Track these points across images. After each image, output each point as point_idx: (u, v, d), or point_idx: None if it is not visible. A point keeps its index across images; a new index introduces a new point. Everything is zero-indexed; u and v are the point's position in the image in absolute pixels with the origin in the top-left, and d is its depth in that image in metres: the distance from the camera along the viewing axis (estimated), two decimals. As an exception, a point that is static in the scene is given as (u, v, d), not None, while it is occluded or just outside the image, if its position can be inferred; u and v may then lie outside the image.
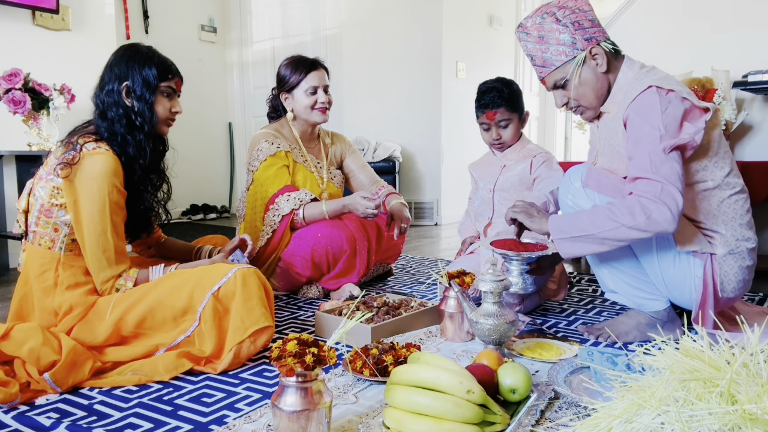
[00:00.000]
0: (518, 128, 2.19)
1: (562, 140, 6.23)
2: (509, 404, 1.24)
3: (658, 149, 1.44)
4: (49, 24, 3.33)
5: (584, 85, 1.63)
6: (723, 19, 3.07)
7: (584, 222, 1.51)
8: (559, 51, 1.60)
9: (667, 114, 1.47)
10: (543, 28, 1.61)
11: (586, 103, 1.66)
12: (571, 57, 1.60)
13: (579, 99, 1.65)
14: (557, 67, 1.62)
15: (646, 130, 1.47)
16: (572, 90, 1.63)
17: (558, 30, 1.59)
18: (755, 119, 3.03)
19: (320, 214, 2.25)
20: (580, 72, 1.61)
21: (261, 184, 2.27)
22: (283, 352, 1.05)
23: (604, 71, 1.62)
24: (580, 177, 1.68)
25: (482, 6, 5.06)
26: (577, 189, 1.67)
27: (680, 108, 1.47)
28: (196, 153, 5.30)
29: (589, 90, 1.63)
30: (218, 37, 5.59)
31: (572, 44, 1.59)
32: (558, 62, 1.61)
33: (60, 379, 1.38)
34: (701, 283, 1.57)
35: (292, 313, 2.12)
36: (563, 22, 1.59)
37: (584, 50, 1.60)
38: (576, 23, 1.59)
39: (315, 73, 2.31)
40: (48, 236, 1.56)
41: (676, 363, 0.82)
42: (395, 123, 4.81)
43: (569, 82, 1.63)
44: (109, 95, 1.59)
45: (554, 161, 2.18)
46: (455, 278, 1.71)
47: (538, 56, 1.64)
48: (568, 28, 1.59)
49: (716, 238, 1.58)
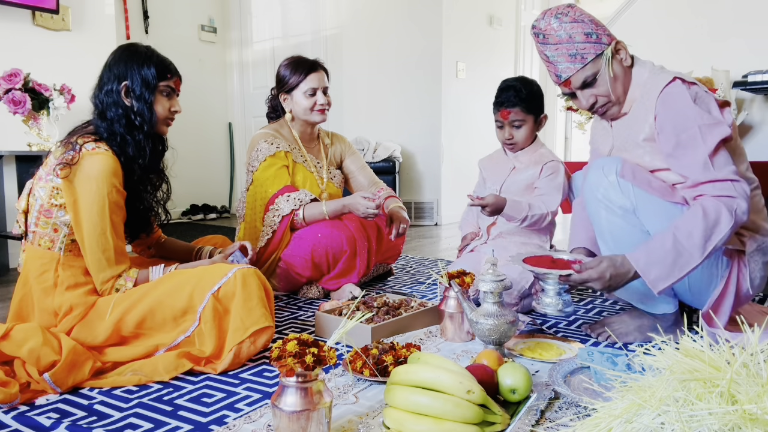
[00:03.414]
0: (532, 130, 2.15)
1: (562, 140, 6.23)
2: (509, 404, 1.24)
3: (709, 146, 1.44)
4: (49, 24, 3.33)
5: (616, 79, 1.60)
6: (723, 19, 3.07)
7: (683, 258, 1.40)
8: (587, 47, 1.55)
9: (701, 104, 1.47)
10: (563, 27, 1.56)
11: (616, 97, 1.62)
12: (600, 51, 1.56)
13: (610, 94, 1.61)
14: (587, 62, 1.57)
15: (690, 129, 1.46)
16: (605, 85, 1.59)
17: (580, 26, 1.55)
18: (755, 119, 3.03)
19: (320, 214, 2.24)
20: (612, 65, 1.58)
21: (261, 185, 2.27)
22: (283, 352, 1.05)
23: (629, 65, 1.60)
24: (615, 169, 1.57)
25: (482, 6, 5.06)
26: (612, 182, 1.57)
27: (709, 98, 1.48)
28: (196, 153, 5.30)
29: (619, 84, 1.61)
30: (218, 37, 5.59)
31: (597, 39, 1.56)
32: (588, 57, 1.56)
33: (60, 380, 1.38)
34: (724, 281, 1.55)
35: (292, 313, 2.12)
36: (581, 19, 1.56)
37: (610, 44, 1.57)
38: (592, 21, 1.57)
39: (314, 75, 2.30)
40: (48, 236, 1.56)
41: (676, 363, 0.82)
42: (395, 123, 4.81)
43: (599, 78, 1.58)
44: (108, 95, 1.59)
45: (562, 172, 2.13)
46: (455, 278, 1.71)
47: (563, 56, 1.57)
48: (588, 24, 1.56)
49: (746, 235, 1.57)
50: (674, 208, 1.53)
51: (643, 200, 1.54)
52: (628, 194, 1.54)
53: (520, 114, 2.09)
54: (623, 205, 1.56)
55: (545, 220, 2.07)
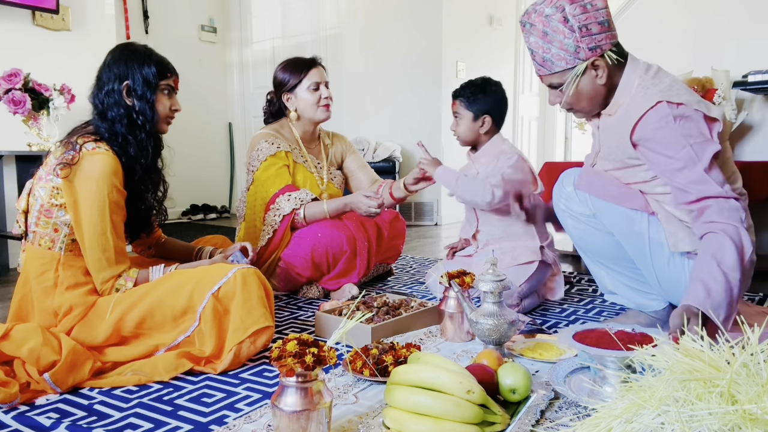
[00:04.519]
0: (472, 129, 2.12)
1: (562, 140, 6.23)
2: (509, 404, 1.24)
3: (704, 163, 1.43)
4: (49, 24, 3.33)
5: (580, 94, 1.58)
6: (723, 19, 3.07)
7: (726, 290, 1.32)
8: (560, 56, 1.52)
9: (688, 123, 1.44)
10: (549, 25, 1.51)
11: (579, 108, 1.63)
12: (572, 66, 1.53)
13: (572, 105, 1.62)
14: (555, 72, 1.56)
15: (683, 149, 1.44)
16: (566, 96, 1.59)
17: (563, 33, 1.50)
18: (755, 119, 3.03)
19: (321, 213, 2.24)
20: (578, 82, 1.55)
21: (261, 184, 2.27)
22: (283, 352, 1.05)
23: (603, 84, 1.56)
24: (572, 180, 1.66)
25: (482, 6, 5.06)
26: (570, 193, 1.65)
27: (698, 116, 1.45)
28: (196, 153, 5.30)
29: (583, 98, 1.59)
30: (218, 37, 5.59)
31: (575, 52, 1.51)
32: (557, 68, 1.54)
33: (60, 380, 1.38)
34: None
35: (292, 313, 2.12)
36: (570, 23, 1.49)
37: (586, 60, 1.52)
38: (584, 27, 1.49)
39: (315, 70, 2.32)
40: (48, 236, 1.56)
41: (676, 363, 0.82)
42: (395, 123, 4.81)
43: (564, 88, 1.58)
44: (109, 95, 1.59)
45: (518, 167, 2.07)
46: (455, 278, 1.71)
47: (538, 54, 1.57)
48: (574, 33, 1.49)
49: None
50: (632, 214, 1.59)
51: (601, 208, 1.62)
52: (586, 203, 1.63)
53: (459, 108, 2.13)
54: (584, 212, 1.65)
55: (486, 188, 2.00)
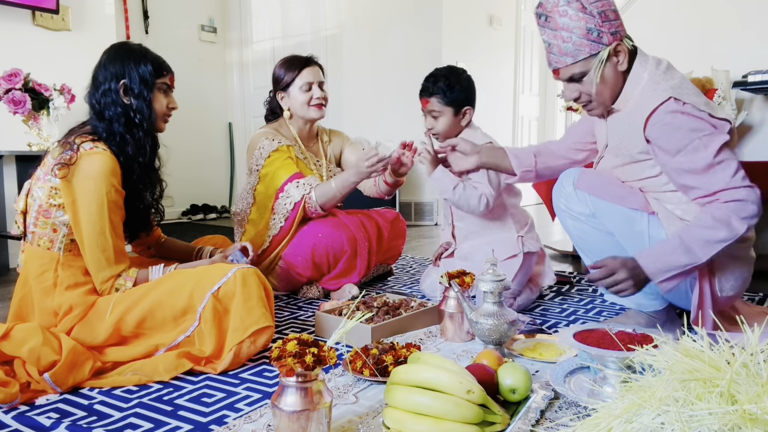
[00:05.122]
0: (454, 122, 2.07)
1: (562, 140, 6.22)
2: (509, 404, 1.24)
3: (712, 154, 1.43)
4: (49, 24, 3.33)
5: (604, 83, 1.53)
6: (723, 19, 3.07)
7: (683, 256, 1.45)
8: (584, 43, 1.48)
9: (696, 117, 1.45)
10: (568, 14, 1.47)
11: (601, 100, 1.57)
12: (596, 52, 1.48)
13: (595, 96, 1.56)
14: (578, 60, 1.50)
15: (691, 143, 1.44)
16: (590, 86, 1.54)
17: (584, 19, 1.46)
18: (755, 119, 3.03)
19: (331, 191, 2.20)
20: (603, 69, 1.51)
21: (270, 179, 2.26)
22: (283, 352, 1.05)
23: (624, 70, 1.54)
24: (572, 180, 1.64)
25: (482, 6, 5.05)
26: (569, 193, 1.63)
27: (703, 113, 1.45)
28: (196, 153, 5.30)
29: (607, 88, 1.55)
30: (218, 37, 5.59)
31: (598, 37, 1.47)
32: (581, 55, 1.49)
33: (60, 379, 1.38)
34: (697, 284, 1.56)
35: (292, 313, 2.12)
36: (589, 10, 1.46)
37: (609, 45, 1.49)
38: (603, 14, 1.47)
39: (309, 70, 2.31)
40: (47, 237, 1.56)
41: (676, 363, 0.82)
42: (395, 123, 4.80)
43: (587, 78, 1.54)
44: (106, 95, 1.58)
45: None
46: (455, 278, 1.71)
47: (556, 45, 1.51)
48: (595, 18, 1.46)
49: None
50: (632, 213, 1.58)
51: (601, 207, 1.61)
52: (586, 202, 1.62)
53: (437, 105, 2.05)
54: (583, 212, 1.64)
55: (481, 198, 1.97)
